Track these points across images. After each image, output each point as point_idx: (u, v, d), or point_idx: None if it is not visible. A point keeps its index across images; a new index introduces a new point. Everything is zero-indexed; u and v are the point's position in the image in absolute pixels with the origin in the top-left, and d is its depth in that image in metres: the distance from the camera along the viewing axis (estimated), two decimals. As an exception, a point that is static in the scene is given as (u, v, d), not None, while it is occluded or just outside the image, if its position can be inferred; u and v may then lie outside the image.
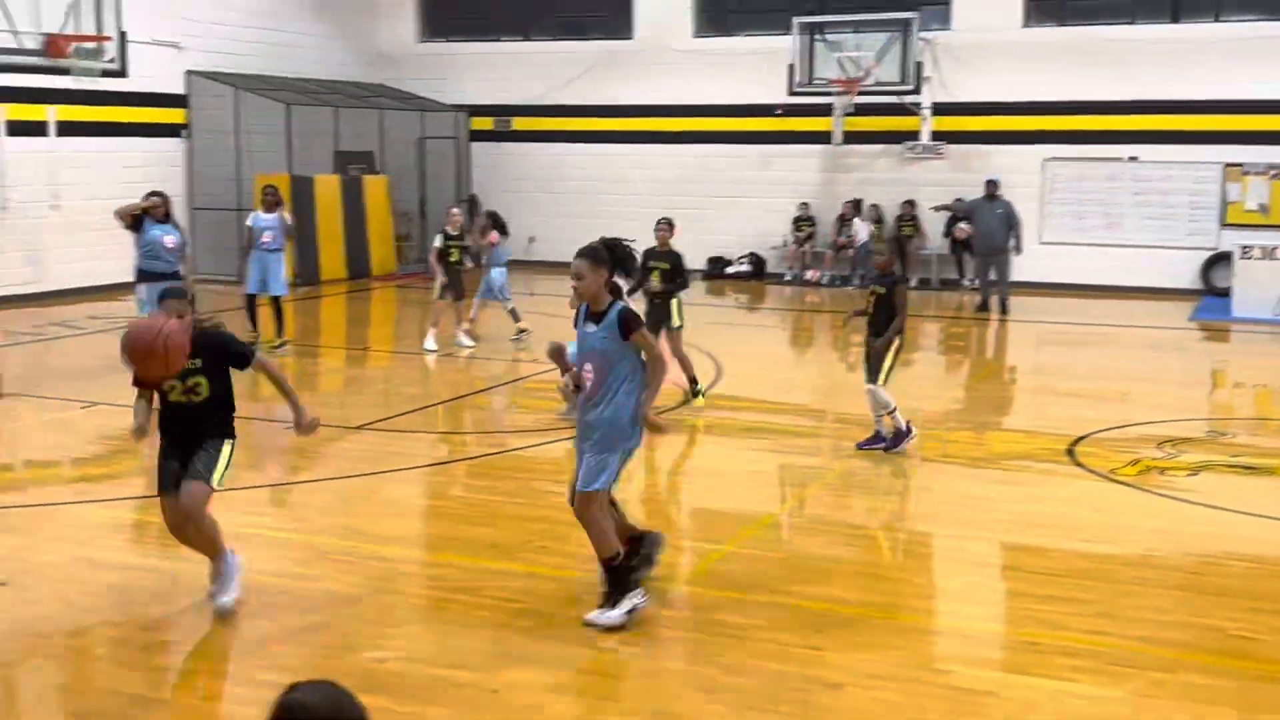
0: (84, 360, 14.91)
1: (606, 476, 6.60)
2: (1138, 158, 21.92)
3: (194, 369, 6.42)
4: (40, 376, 13.87)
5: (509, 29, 26.04)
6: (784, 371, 14.80)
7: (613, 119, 24.93)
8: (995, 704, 5.82)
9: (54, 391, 12.65)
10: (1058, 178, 22.43)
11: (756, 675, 6.08)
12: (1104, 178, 22.19)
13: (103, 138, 20.53)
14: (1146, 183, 21.99)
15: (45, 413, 11.90)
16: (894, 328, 10.21)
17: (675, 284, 11.96)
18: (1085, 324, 18.77)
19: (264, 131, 22.09)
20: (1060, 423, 11.73)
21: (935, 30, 22.66)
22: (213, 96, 22.29)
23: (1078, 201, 22.38)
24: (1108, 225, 22.21)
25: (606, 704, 5.82)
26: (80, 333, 16.87)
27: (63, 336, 16.55)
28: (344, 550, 7.95)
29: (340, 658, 6.28)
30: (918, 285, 22.64)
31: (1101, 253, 22.10)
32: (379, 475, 9.78)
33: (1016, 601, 7.28)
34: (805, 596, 7.15)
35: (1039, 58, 22.14)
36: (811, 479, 9.91)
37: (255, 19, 23.52)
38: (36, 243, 19.56)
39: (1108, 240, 22.13)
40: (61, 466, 10.01)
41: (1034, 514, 8.85)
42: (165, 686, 6.12)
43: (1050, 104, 22.10)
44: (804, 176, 23.84)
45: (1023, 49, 22.28)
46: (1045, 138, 22.22)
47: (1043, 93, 22.10)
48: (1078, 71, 21.86)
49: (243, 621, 6.74)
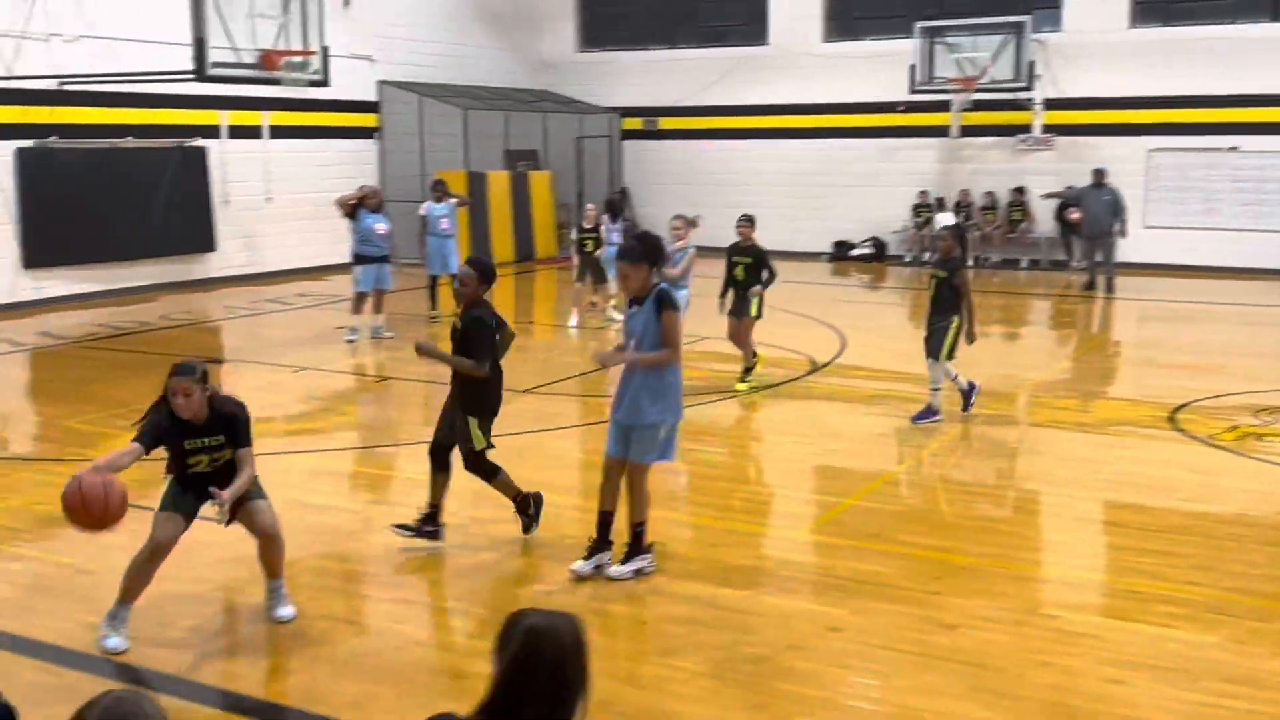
0: (293, 331, 15.39)
1: (657, 450, 6.46)
2: (1238, 148, 21.00)
3: (217, 444, 5.69)
4: (256, 346, 14.37)
5: (657, 38, 26.00)
6: (903, 344, 14.53)
7: (748, 117, 24.76)
8: (1098, 645, 5.68)
9: (268, 358, 13.09)
10: (1161, 166, 21.62)
11: (878, 616, 6.03)
12: (1204, 166, 21.31)
13: (307, 139, 21.11)
14: (1245, 171, 21.05)
15: (261, 376, 12.31)
16: (965, 307, 10.02)
17: (760, 278, 11.22)
18: (1186, 302, 18.09)
19: (444, 133, 22.46)
20: (1162, 392, 11.35)
21: (1047, 32, 22.02)
22: (400, 103, 22.73)
23: (1180, 188, 21.57)
24: (1207, 210, 21.36)
25: (745, 637, 5.83)
26: (289, 308, 17.41)
27: (275, 311, 17.11)
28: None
29: (512, 588, 6.40)
30: (1028, 266, 22.10)
31: (1201, 236, 21.27)
32: (543, 433, 9.92)
33: (1118, 554, 7.09)
34: (923, 546, 7.06)
35: (1144, 55, 21.33)
36: (928, 441, 9.76)
37: (436, 34, 23.89)
38: (252, 230, 20.23)
39: (1207, 224, 21.29)
40: (274, 422, 10.34)
41: (1136, 475, 8.59)
42: (364, 611, 6.31)
43: (1155, 98, 21.26)
44: (923, 167, 23.39)
45: (1129, 48, 21.49)
46: (1150, 130, 21.42)
47: (1148, 88, 21.29)
48: (1181, 68, 21.00)
49: (426, 557, 6.91)
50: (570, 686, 2.37)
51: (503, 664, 2.38)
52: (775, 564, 6.79)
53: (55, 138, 17.13)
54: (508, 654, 2.38)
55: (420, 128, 22.53)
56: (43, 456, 9.37)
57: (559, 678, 2.35)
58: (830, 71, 23.76)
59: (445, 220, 15.34)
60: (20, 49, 16.79)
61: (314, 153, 21.27)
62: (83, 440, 9.62)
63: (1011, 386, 11.74)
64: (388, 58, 22.59)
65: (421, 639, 5.76)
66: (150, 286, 18.24)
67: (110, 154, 17.90)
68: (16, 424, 10.79)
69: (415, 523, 6.96)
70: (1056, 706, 5.06)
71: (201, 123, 19.19)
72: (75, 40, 17.30)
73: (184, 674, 5.54)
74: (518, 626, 2.39)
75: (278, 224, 20.52)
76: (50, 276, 17.31)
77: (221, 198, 19.68)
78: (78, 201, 17.28)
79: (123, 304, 16.95)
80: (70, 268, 17.50)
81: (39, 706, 4.59)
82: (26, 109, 16.84)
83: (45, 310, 16.75)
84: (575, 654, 2.39)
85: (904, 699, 5.14)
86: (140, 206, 18.24)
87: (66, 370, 12.98)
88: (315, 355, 13.43)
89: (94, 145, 17.69)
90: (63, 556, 6.96)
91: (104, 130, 17.83)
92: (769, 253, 11.39)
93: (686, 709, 5.10)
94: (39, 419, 10.94)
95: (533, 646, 2.35)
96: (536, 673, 2.34)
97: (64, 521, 5.30)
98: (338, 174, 21.83)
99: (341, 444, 9.68)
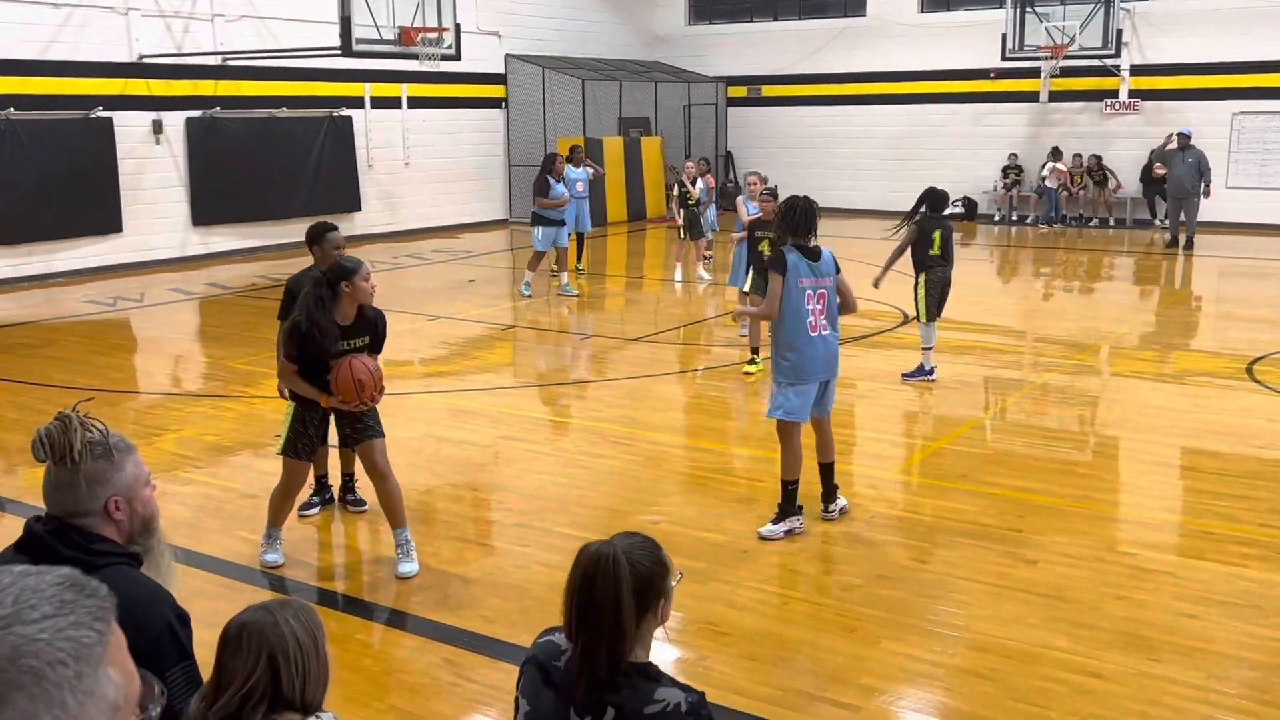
0: (429, 283, 15.64)
1: (773, 406, 6.22)
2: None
3: (362, 345, 5.67)
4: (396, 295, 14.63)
5: (760, 11, 25.54)
6: (992, 299, 14.21)
7: (846, 85, 24.24)
8: (1173, 582, 5.53)
9: (407, 307, 13.32)
10: (1245, 130, 20.62)
11: (963, 550, 5.95)
12: (1289, 129, 20.29)
13: (441, 110, 21.29)
14: (1328, 133, 20.00)
15: (400, 324, 12.48)
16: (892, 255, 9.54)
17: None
18: (1266, 259, 17.31)
19: (565, 102, 22.45)
20: (1240, 345, 10.91)
21: (1134, 1, 21.10)
22: (525, 75, 22.76)
23: (1263, 150, 20.56)
24: (1290, 171, 20.37)
25: (839, 567, 5.81)
26: (426, 263, 17.68)
27: (412, 265, 17.39)
28: (625, 435, 8.14)
29: (622, 519, 6.46)
30: (1115, 226, 21.35)
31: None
32: (652, 378, 9.95)
33: (1194, 497, 6.87)
34: (1007, 487, 6.93)
35: (1229, 21, 20.30)
36: (1013, 389, 9.55)
37: (558, 10, 23.83)
38: (392, 192, 20.56)
39: (1290, 185, 20.32)
40: (412, 365, 10.55)
41: (1213, 423, 8.29)
42: (491, 534, 6.43)
43: (1239, 64, 20.27)
44: (1013, 130, 22.68)
45: (1214, 14, 20.45)
46: (1234, 94, 20.43)
47: (1232, 54, 20.30)
48: (1264, 33, 19.97)
49: (549, 488, 7.00)
50: (620, 607, 2.35)
51: (569, 586, 2.43)
52: (867, 500, 6.73)
53: (219, 109, 17.58)
54: (575, 576, 2.43)
55: (543, 97, 22.56)
56: (211, 394, 9.70)
57: (615, 600, 2.35)
58: (925, 41, 23.13)
59: (581, 183, 15.68)
60: (189, 29, 17.23)
61: (446, 121, 21.46)
62: (245, 379, 9.93)
63: (1095, 339, 11.40)
64: (513, 33, 22.63)
65: (543, 560, 5.85)
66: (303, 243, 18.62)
67: (267, 123, 18.31)
68: (187, 364, 11.18)
69: None
70: (1131, 637, 4.95)
71: (348, 95, 19.49)
72: (237, 20, 17.69)
73: (331, 587, 5.73)
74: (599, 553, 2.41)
75: (415, 186, 20.81)
76: (215, 233, 17.85)
77: (365, 163, 20.01)
78: (239, 166, 17.74)
79: (279, 258, 17.40)
80: (233, 225, 18.01)
81: (209, 614, 4.78)
82: (194, 83, 17.29)
83: (211, 263, 17.29)
84: (628, 580, 2.37)
85: (985, 626, 5.07)
86: (294, 170, 18.66)
87: (230, 316, 13.39)
88: (449, 305, 13.64)
89: (253, 115, 18.11)
90: (229, 482, 7.22)
91: (262, 102, 18.24)
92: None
93: (782, 629, 5.10)
94: (207, 360, 11.32)
95: (584, 571, 2.39)
96: (589, 595, 2.37)
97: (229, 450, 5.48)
98: (469, 141, 22.05)
99: (472, 385, 9.84)
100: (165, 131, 17.00)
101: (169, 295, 14.66)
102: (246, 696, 2.36)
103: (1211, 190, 18.20)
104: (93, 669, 1.15)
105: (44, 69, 15.60)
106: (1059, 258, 17.83)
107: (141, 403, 9.38)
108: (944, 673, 4.70)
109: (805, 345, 6.05)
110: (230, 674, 2.39)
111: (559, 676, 2.42)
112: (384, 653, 5.11)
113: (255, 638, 2.41)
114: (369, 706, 4.48)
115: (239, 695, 2.36)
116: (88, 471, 2.32)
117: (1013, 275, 16.93)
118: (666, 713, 2.31)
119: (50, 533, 2.31)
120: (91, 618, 1.18)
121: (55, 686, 1.12)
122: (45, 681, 1.12)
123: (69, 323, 12.86)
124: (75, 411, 2.37)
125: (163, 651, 2.27)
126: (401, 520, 5.75)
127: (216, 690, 2.39)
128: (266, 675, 2.38)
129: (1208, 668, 4.68)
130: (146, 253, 16.85)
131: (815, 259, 6.09)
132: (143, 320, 13.31)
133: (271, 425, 7.91)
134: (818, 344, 6.07)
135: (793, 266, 6.01)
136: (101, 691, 1.16)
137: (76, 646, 1.15)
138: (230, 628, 2.45)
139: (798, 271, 6.02)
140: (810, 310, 6.03)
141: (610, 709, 2.34)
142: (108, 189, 16.29)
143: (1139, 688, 4.52)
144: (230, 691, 2.37)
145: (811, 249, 6.13)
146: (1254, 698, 4.47)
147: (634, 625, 2.36)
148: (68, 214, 15.84)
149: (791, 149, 24.60)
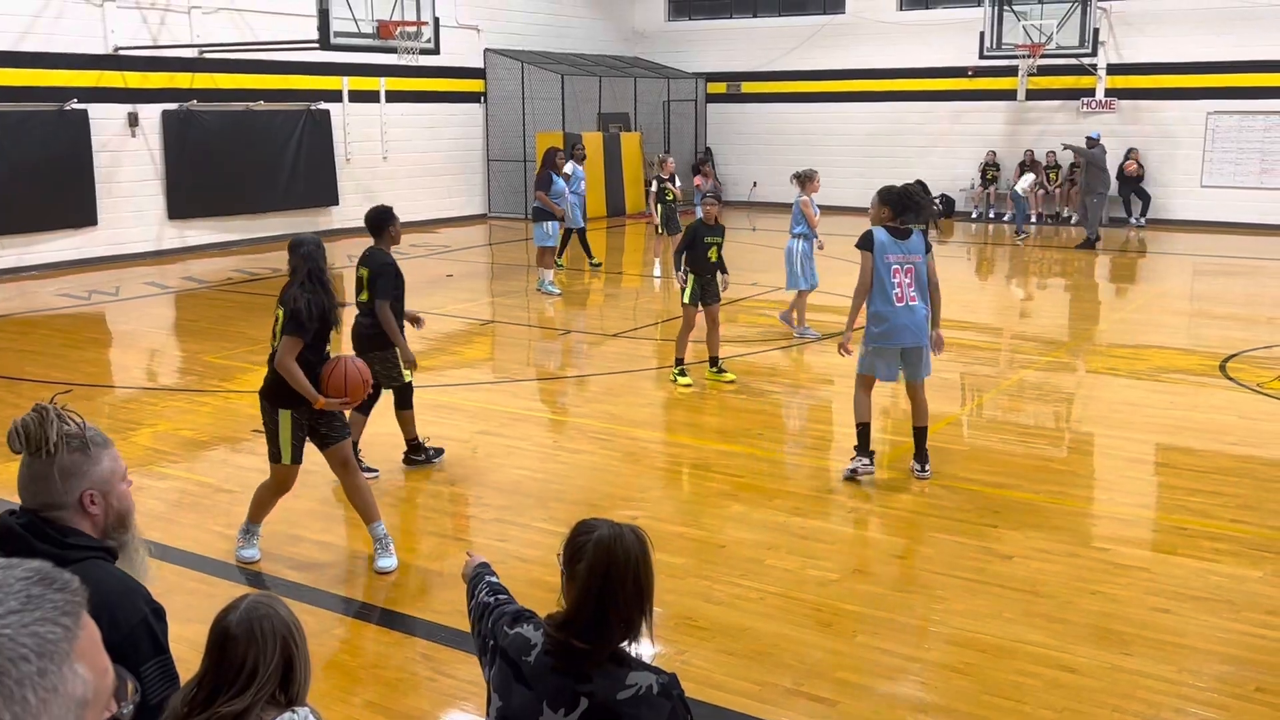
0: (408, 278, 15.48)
1: (861, 364, 7.09)
2: (1296, 110, 20.13)
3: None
4: (374, 290, 14.56)
5: (740, 7, 25.59)
6: (968, 295, 14.29)
7: (825, 82, 24.33)
8: (1145, 577, 5.58)
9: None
10: (1219, 129, 20.82)
11: (939, 545, 5.99)
12: (1261, 129, 20.49)
13: (419, 103, 21.24)
14: (1302, 133, 20.23)
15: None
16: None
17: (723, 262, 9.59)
18: (1239, 257, 17.48)
19: (544, 97, 22.43)
20: (1213, 342, 11.01)
21: (1111, 0, 21.25)
22: (504, 69, 22.73)
23: (1236, 149, 20.78)
24: (1263, 170, 20.56)
25: (814, 561, 5.83)
26: (404, 257, 17.49)
27: (390, 260, 17.27)
28: (603, 430, 8.15)
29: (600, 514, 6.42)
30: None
31: (1257, 195, 20.51)
32: (630, 373, 9.95)
33: (1168, 493, 6.93)
34: (982, 483, 6.97)
35: (1205, 22, 20.48)
36: (989, 386, 9.60)
37: (537, 5, 23.80)
38: (370, 186, 20.45)
39: (1263, 184, 20.51)
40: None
41: (1186, 419, 8.37)
42: (469, 529, 6.42)
43: (1214, 64, 20.46)
44: (990, 129, 22.82)
45: (1189, 15, 20.63)
46: (1209, 94, 20.63)
47: (1207, 54, 20.48)
48: (1239, 34, 20.16)
49: (527, 483, 7.00)
50: (643, 590, 2.40)
51: (582, 574, 2.39)
52: (844, 496, 6.76)
53: (195, 102, 17.45)
54: (584, 565, 2.39)
55: (523, 92, 22.53)
56: (186, 388, 9.64)
57: (636, 582, 2.38)
58: (904, 39, 23.24)
59: (582, 180, 15.94)
60: (165, 20, 17.09)
61: (425, 115, 21.40)
62: (221, 373, 9.87)
63: (1068, 336, 11.47)
64: (493, 27, 22.58)
65: (521, 555, 5.85)
66: (280, 236, 18.54)
67: (244, 116, 18.20)
68: (162, 358, 11.11)
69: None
70: (1104, 632, 4.99)
71: (325, 88, 19.39)
72: (214, 12, 17.57)
73: (308, 582, 5.70)
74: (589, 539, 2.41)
75: (393, 180, 20.72)
76: (192, 227, 17.73)
77: (343, 157, 19.92)
78: (216, 160, 17.62)
79: (256, 251, 17.29)
80: (209, 219, 17.89)
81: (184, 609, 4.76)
82: (171, 75, 17.17)
83: (187, 257, 17.17)
84: (644, 560, 2.42)
85: (961, 621, 5.11)
86: (271, 164, 18.55)
87: (206, 311, 13.31)
88: (427, 301, 13.58)
89: (230, 109, 17.99)
90: (204, 476, 7.18)
91: (239, 95, 18.13)
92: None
93: (758, 624, 5.12)
94: (183, 354, 11.25)
95: (608, 556, 2.38)
96: (614, 579, 2.36)
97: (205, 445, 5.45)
98: (447, 135, 21.99)
99: (450, 380, 9.81)
100: (141, 124, 16.88)
101: (144, 289, 14.56)
102: (260, 690, 2.30)
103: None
104: (57, 665, 1.14)
105: (18, 60, 15.46)
106: (1034, 254, 17.93)
107: (117, 397, 9.31)
108: (919, 667, 4.73)
109: (890, 314, 6.80)
110: (237, 670, 2.32)
111: (529, 671, 2.42)
112: (361, 648, 5.09)
113: (269, 629, 2.34)
114: (346, 701, 4.46)
115: (257, 690, 2.29)
116: (63, 464, 2.30)
117: (989, 273, 17.02)
118: (639, 696, 2.32)
119: (24, 526, 2.29)
120: (59, 612, 1.16)
121: (16, 683, 1.10)
122: (6, 678, 1.10)
123: (43, 316, 12.75)
124: (53, 404, 2.35)
125: (138, 646, 2.25)
126: (375, 514, 5.76)
127: (216, 690, 2.31)
128: (280, 666, 2.34)
129: (1180, 662, 4.73)
130: (122, 246, 16.73)
131: (904, 238, 6.82)
132: (118, 314, 13.20)
133: (247, 420, 7.87)
134: (903, 313, 6.81)
135: (879, 244, 6.77)
136: (67, 688, 1.14)
137: (40, 642, 1.13)
138: (231, 625, 2.36)
139: (884, 248, 6.78)
140: (896, 283, 6.79)
141: (583, 699, 2.35)
142: (83, 182, 16.15)
143: (1112, 682, 4.57)
144: (252, 689, 2.29)
145: (903, 229, 6.83)
146: (1225, 691, 4.51)
147: (651, 605, 2.39)
148: (42, 207, 15.71)
149: (770, 145, 24.66)
